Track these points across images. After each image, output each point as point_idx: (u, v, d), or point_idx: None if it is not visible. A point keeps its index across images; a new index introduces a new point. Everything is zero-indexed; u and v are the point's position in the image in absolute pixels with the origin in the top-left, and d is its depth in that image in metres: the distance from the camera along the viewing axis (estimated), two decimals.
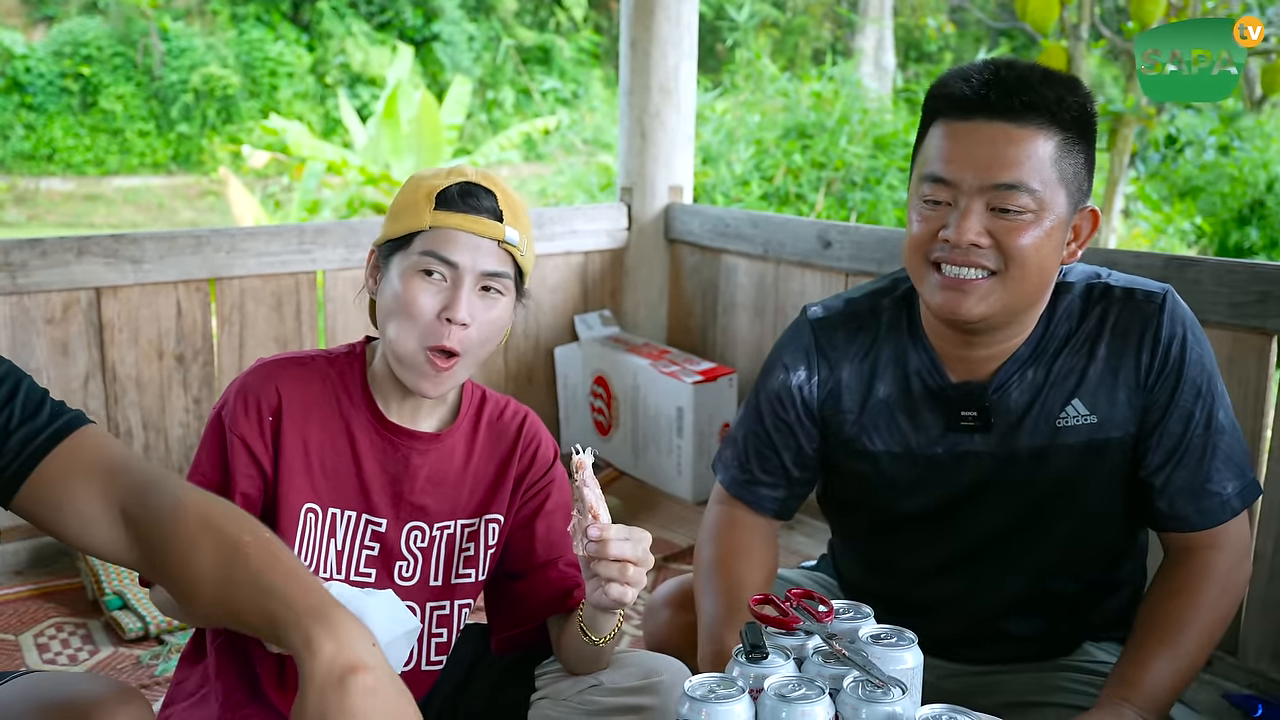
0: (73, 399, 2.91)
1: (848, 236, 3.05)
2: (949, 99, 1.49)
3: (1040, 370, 1.58)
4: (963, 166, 1.46)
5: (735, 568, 1.68)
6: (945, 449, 1.62)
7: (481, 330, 1.52)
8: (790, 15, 14.87)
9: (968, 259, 1.47)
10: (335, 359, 1.62)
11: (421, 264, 1.49)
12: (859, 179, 7.62)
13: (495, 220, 1.51)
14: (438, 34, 15.48)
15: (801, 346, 1.71)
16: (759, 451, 1.74)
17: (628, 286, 3.76)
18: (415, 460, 1.59)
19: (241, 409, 1.53)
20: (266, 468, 1.53)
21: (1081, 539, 1.64)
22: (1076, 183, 1.49)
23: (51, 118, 14.38)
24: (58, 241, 2.84)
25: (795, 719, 1.23)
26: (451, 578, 1.65)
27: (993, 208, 1.46)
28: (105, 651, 2.45)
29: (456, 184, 1.52)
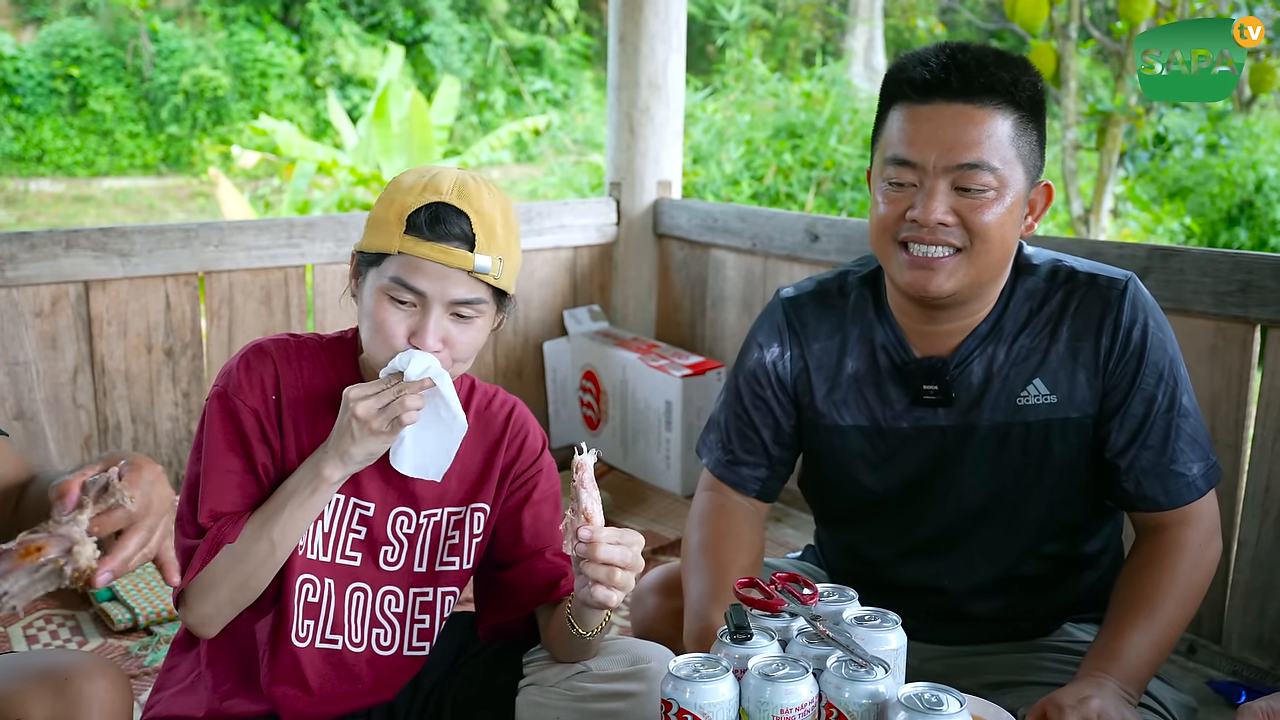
0: (62, 392, 2.91)
1: (835, 229, 3.06)
2: (909, 83, 1.53)
3: (1001, 348, 1.63)
4: (926, 148, 1.51)
5: (722, 550, 1.70)
6: (910, 423, 1.67)
7: (455, 351, 1.51)
8: (781, 16, 14.90)
9: (935, 237, 1.52)
10: (328, 344, 1.63)
11: (390, 289, 1.47)
12: (849, 178, 7.64)
13: (466, 248, 1.46)
14: (428, 35, 15.47)
15: (774, 324, 1.77)
16: (740, 432, 1.78)
17: (616, 281, 3.77)
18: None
19: (248, 383, 1.54)
20: (275, 442, 1.55)
21: (1045, 518, 1.68)
22: (1032, 159, 1.55)
23: (41, 119, 14.33)
24: (46, 235, 2.84)
25: (779, 698, 1.24)
26: (436, 565, 1.65)
27: (957, 187, 1.51)
28: (94, 643, 2.45)
29: (427, 207, 1.46)
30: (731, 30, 11.78)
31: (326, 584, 1.59)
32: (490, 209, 1.49)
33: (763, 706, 1.25)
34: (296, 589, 1.56)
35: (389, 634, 1.64)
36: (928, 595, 1.73)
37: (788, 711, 1.25)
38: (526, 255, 3.58)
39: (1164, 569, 1.56)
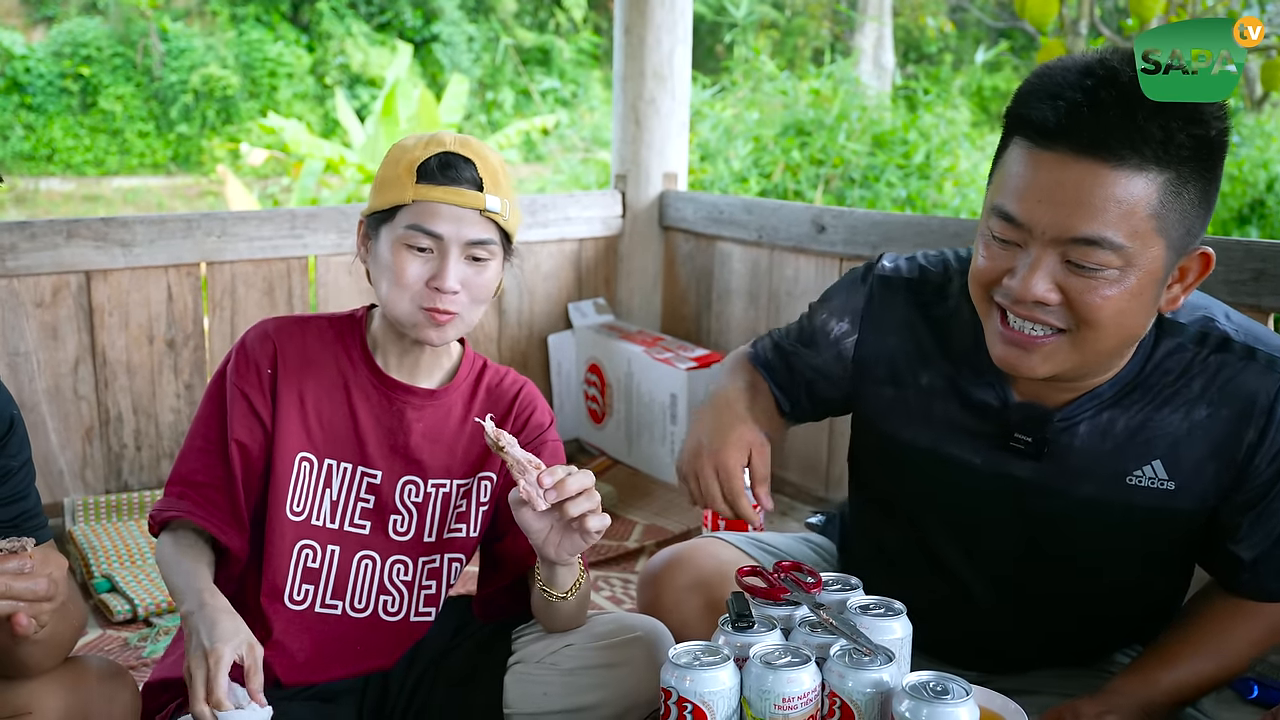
0: (63, 383, 2.90)
1: (841, 221, 3.03)
2: (1032, 119, 1.25)
3: (1122, 415, 1.39)
4: (1037, 209, 1.24)
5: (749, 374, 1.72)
6: (984, 462, 1.47)
7: (473, 293, 1.57)
8: (790, 15, 14.87)
9: (1032, 315, 1.29)
10: (335, 320, 1.68)
11: (407, 237, 1.53)
12: (857, 175, 7.60)
13: (476, 190, 1.54)
14: (437, 35, 15.48)
15: (853, 303, 1.59)
16: (789, 363, 1.70)
17: (622, 274, 3.74)
18: (410, 414, 1.64)
19: (243, 362, 1.61)
20: (265, 420, 1.60)
21: (1120, 597, 1.52)
22: (1183, 227, 1.25)
23: (51, 118, 14.38)
24: (47, 224, 2.82)
25: (781, 686, 1.22)
26: (444, 532, 1.68)
27: (1068, 260, 1.25)
28: (94, 634, 2.43)
29: (436, 155, 1.54)
30: (740, 28, 11.75)
31: (330, 550, 1.62)
32: (491, 157, 1.58)
33: (764, 695, 1.22)
34: (294, 554, 1.60)
35: (396, 601, 1.66)
36: (953, 625, 1.58)
37: (790, 700, 1.22)
38: (531, 247, 3.56)
39: (1242, 629, 1.43)
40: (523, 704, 1.63)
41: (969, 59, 13.71)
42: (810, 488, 3.22)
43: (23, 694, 1.36)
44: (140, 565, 2.66)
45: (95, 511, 2.88)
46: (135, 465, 3.03)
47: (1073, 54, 1.29)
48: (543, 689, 1.62)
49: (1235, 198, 9.24)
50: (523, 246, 3.51)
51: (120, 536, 2.79)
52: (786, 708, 1.22)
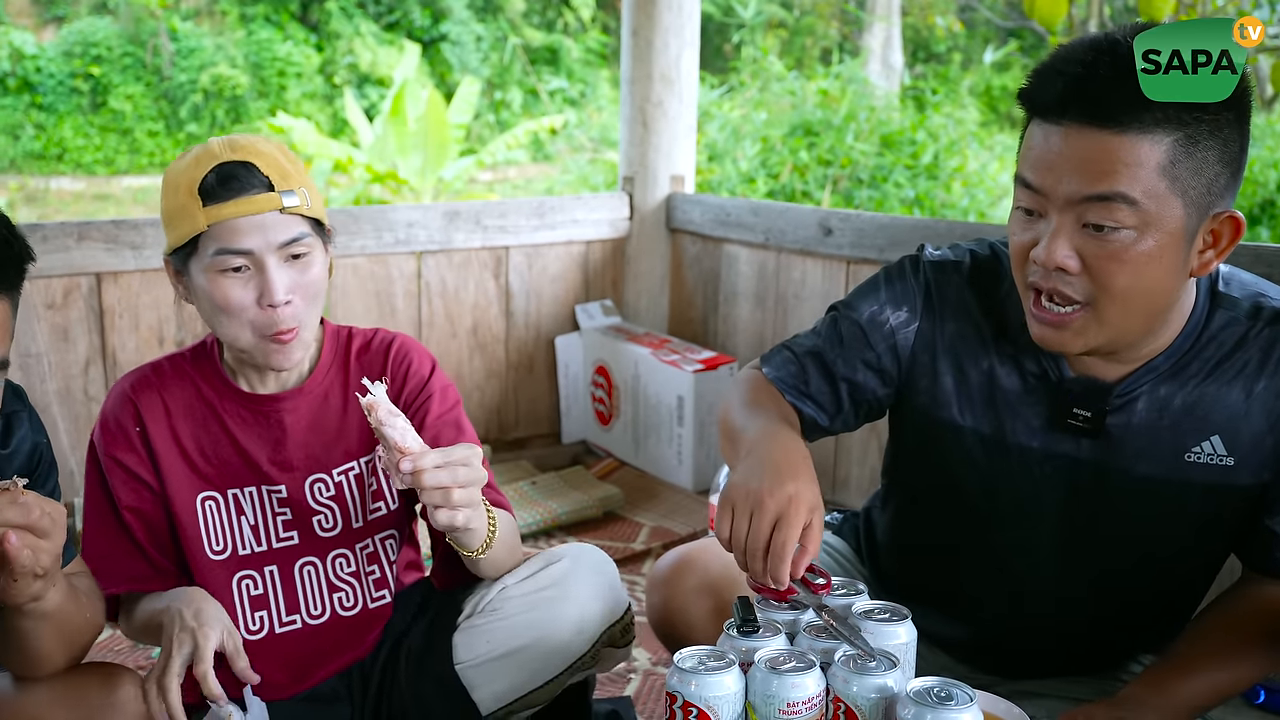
0: (73, 385, 2.91)
1: (849, 224, 3.03)
2: (1038, 98, 1.30)
3: (1178, 390, 1.38)
4: (1050, 173, 1.28)
5: (779, 404, 1.56)
6: (1040, 444, 1.46)
7: (305, 294, 1.51)
8: (798, 15, 14.86)
9: (1054, 287, 1.30)
10: (185, 354, 1.65)
11: (217, 264, 1.46)
12: (865, 176, 7.60)
13: (267, 190, 1.47)
14: (445, 34, 15.50)
15: (911, 288, 1.54)
16: (822, 369, 1.57)
17: (629, 276, 3.75)
18: (288, 419, 1.62)
19: (108, 431, 1.59)
20: (149, 478, 1.58)
21: (1167, 578, 1.50)
22: (1202, 185, 1.25)
23: (62, 118, 14.43)
24: (58, 226, 2.84)
25: (786, 691, 1.22)
26: (367, 515, 1.67)
27: (1086, 223, 1.27)
28: (103, 634, 2.43)
29: (211, 170, 1.46)
30: (748, 28, 11.76)
31: (268, 571, 1.62)
32: (267, 150, 1.50)
33: (769, 700, 1.23)
34: (235, 589, 1.60)
35: (349, 594, 1.66)
36: (995, 622, 1.57)
37: (794, 705, 1.22)
38: (538, 249, 3.57)
39: (1263, 628, 1.41)
40: (470, 657, 1.61)
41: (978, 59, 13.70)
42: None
43: (36, 702, 1.37)
44: None
45: None
46: None
47: (1087, 34, 1.33)
48: (485, 639, 1.60)
49: (1245, 197, 9.21)
50: (530, 249, 3.54)
51: None
52: (791, 712, 1.22)
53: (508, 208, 3.52)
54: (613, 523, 3.15)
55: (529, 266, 3.56)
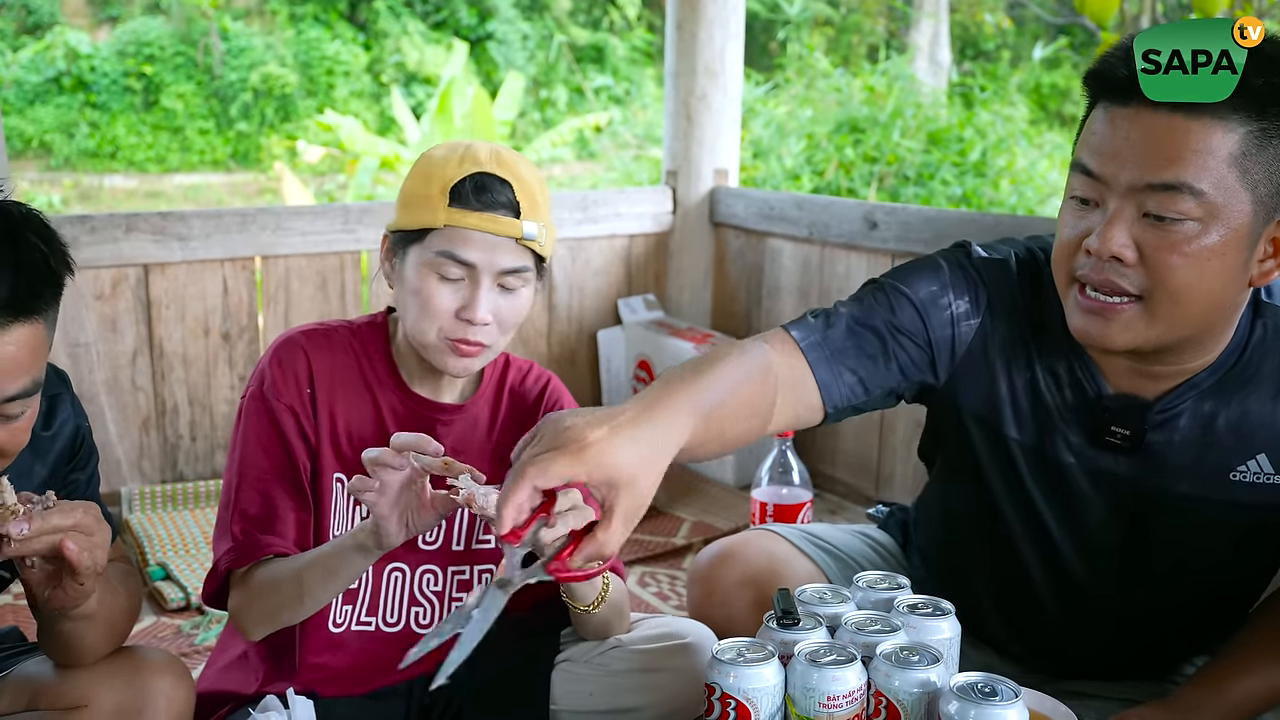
0: (121, 375, 2.95)
1: (894, 217, 3.00)
2: (1106, 80, 1.25)
3: (1223, 406, 1.33)
4: (1113, 159, 1.22)
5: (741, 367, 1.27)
6: (1080, 460, 1.40)
7: (503, 322, 1.50)
8: (844, 12, 14.76)
9: (1106, 278, 1.24)
10: (358, 330, 1.60)
11: (437, 264, 1.45)
12: (911, 173, 7.53)
13: (513, 216, 1.45)
14: (492, 33, 15.56)
15: (972, 279, 1.43)
16: (859, 344, 1.39)
17: (672, 270, 3.74)
18: (439, 430, 1.59)
19: (282, 380, 1.52)
20: (311, 440, 1.54)
21: (1214, 594, 1.47)
22: (1273, 185, 1.20)
23: (115, 116, 14.65)
24: (107, 218, 2.87)
25: (826, 684, 1.20)
26: (472, 543, 1.65)
27: (1146, 213, 1.21)
28: (148, 620, 2.47)
29: (471, 176, 1.45)
30: (794, 25, 11.68)
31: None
32: (529, 176, 1.48)
33: (809, 693, 1.21)
34: None
35: (427, 612, 1.63)
36: (1037, 635, 1.53)
37: (834, 699, 1.20)
38: (581, 243, 3.56)
39: None
40: (568, 701, 1.61)
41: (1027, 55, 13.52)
42: (861, 487, 3.18)
43: (78, 686, 1.37)
44: (194, 554, 2.70)
45: (151, 501, 2.94)
46: (190, 456, 3.08)
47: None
48: (588, 689, 1.59)
49: None
50: (573, 242, 3.53)
51: (175, 525, 2.83)
52: (831, 706, 1.21)
53: (551, 201, 3.52)
54: (653, 517, 3.13)
55: (572, 260, 3.56)
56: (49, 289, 1.17)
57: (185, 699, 1.43)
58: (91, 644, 1.36)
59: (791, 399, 1.36)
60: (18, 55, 14.23)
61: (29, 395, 1.18)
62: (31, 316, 1.14)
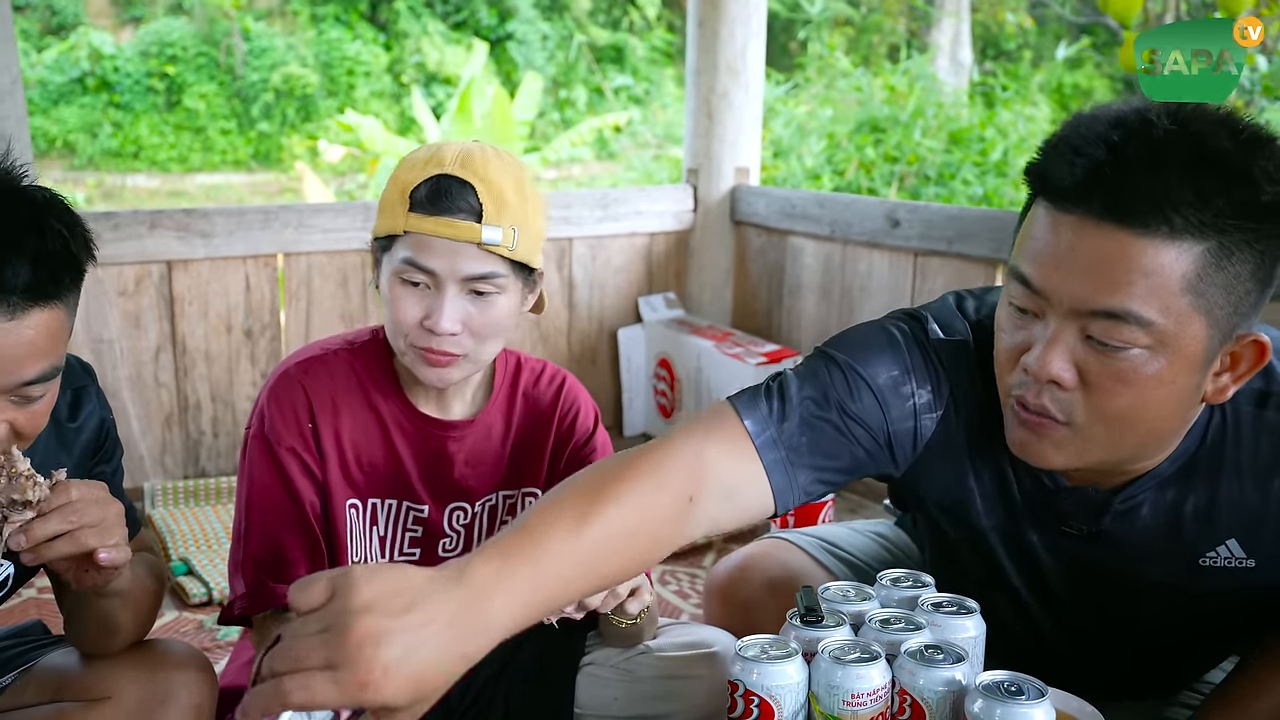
0: (144, 370, 2.96)
1: (916, 215, 2.98)
2: (1048, 182, 1.12)
3: (1188, 493, 1.24)
4: (1054, 275, 1.10)
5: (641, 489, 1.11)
6: (1045, 543, 1.34)
7: (477, 331, 1.43)
8: (865, 12, 14.72)
9: (1042, 403, 1.14)
10: (358, 349, 1.56)
11: (402, 271, 1.41)
12: (932, 173, 7.49)
13: (473, 220, 1.38)
14: (512, 33, 15.59)
15: (932, 365, 1.29)
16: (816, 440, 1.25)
17: (693, 268, 3.73)
18: (451, 447, 1.56)
19: (281, 420, 1.49)
20: (317, 472, 1.51)
21: (1186, 661, 1.44)
22: (1229, 304, 1.08)
23: (138, 116, 14.75)
24: (131, 215, 2.89)
25: (850, 682, 1.19)
26: None
27: (1089, 336, 1.10)
28: (170, 615, 2.48)
29: (429, 181, 1.39)
30: (814, 25, 11.66)
31: None
32: (499, 176, 1.40)
33: (832, 690, 1.20)
34: None
35: None
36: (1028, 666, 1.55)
37: (859, 696, 1.19)
38: (602, 241, 3.56)
39: None
40: (592, 705, 1.59)
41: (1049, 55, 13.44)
42: (880, 487, 3.17)
43: (102, 679, 1.38)
44: (216, 549, 2.71)
45: (174, 496, 2.95)
46: (212, 452, 3.09)
47: (1110, 104, 1.13)
48: (613, 693, 1.58)
49: None
50: (594, 240, 3.53)
51: (197, 521, 2.85)
52: (855, 704, 1.20)
53: (571, 199, 3.52)
54: None
55: (592, 258, 3.56)
56: (69, 274, 1.17)
57: (208, 693, 1.43)
58: (123, 624, 1.36)
59: (725, 506, 1.20)
60: (42, 56, 14.34)
61: (48, 380, 1.18)
62: (51, 302, 1.14)
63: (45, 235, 1.13)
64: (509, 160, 1.45)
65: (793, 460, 1.23)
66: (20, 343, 1.12)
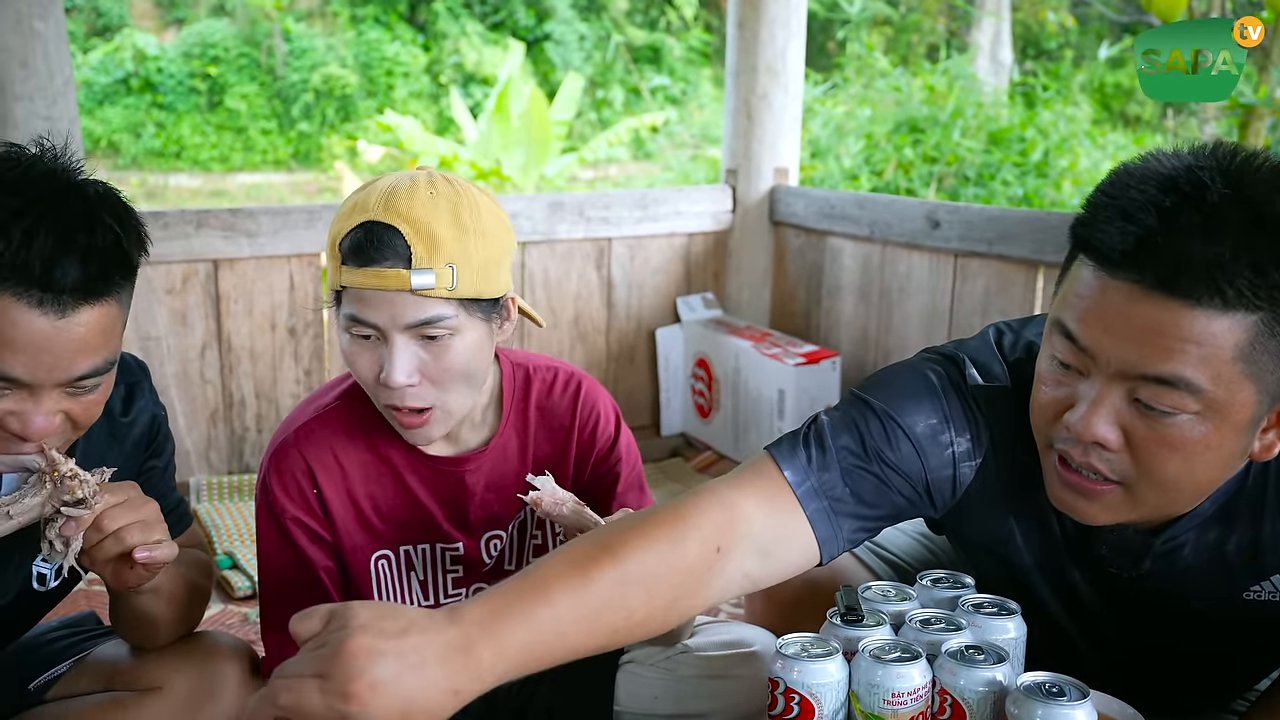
0: (190, 368, 3.01)
1: (957, 216, 2.97)
2: (1096, 245, 1.08)
3: (1231, 533, 1.23)
4: (1102, 334, 1.07)
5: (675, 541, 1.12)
6: (1088, 578, 1.34)
7: (438, 379, 1.37)
8: (904, 11, 14.63)
9: (1088, 461, 1.13)
10: (355, 398, 1.51)
11: (348, 326, 1.36)
12: (972, 173, 7.44)
13: (401, 266, 1.30)
14: (549, 33, 15.64)
15: (970, 413, 1.28)
16: (857, 490, 1.25)
17: (731, 269, 3.73)
18: (470, 480, 1.53)
19: (283, 492, 1.47)
20: (326, 537, 1.49)
21: (1229, 680, 1.43)
22: (1279, 369, 1.06)
23: (180, 116, 14.93)
24: (178, 214, 2.94)
25: (891, 681, 1.20)
26: (524, 561, 1.63)
27: (1136, 399, 1.08)
28: (215, 609, 2.52)
29: (353, 231, 1.33)
30: (853, 25, 11.62)
31: None
32: (426, 213, 1.32)
33: (873, 689, 1.20)
34: None
35: None
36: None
37: (899, 696, 1.20)
38: (641, 241, 3.57)
39: None
40: (632, 704, 1.59)
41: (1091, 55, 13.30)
42: None
43: (153, 670, 1.41)
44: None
45: (219, 491, 3.00)
46: (256, 448, 3.13)
47: (1159, 155, 1.09)
48: (653, 692, 1.57)
49: None
50: (632, 240, 3.55)
51: (242, 515, 2.89)
52: (896, 703, 1.20)
53: (610, 199, 3.54)
54: None
55: (631, 258, 3.57)
56: (120, 271, 1.18)
57: (256, 684, 1.46)
58: (163, 619, 1.39)
59: (761, 560, 1.20)
60: (88, 57, 14.56)
61: (101, 374, 1.19)
62: (101, 299, 1.15)
63: (96, 232, 1.14)
64: (445, 190, 1.36)
65: (835, 509, 1.23)
66: (72, 339, 1.13)
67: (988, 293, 2.91)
